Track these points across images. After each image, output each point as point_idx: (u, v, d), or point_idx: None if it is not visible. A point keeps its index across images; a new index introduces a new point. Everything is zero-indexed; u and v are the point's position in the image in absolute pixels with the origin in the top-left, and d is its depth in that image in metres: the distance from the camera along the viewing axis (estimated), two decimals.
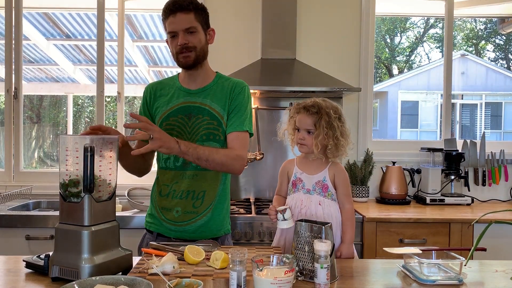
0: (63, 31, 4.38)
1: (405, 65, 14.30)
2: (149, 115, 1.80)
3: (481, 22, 13.22)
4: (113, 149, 1.34)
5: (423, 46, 14.36)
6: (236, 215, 2.40)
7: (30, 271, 1.36)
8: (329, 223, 1.38)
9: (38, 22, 4.17)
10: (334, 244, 1.37)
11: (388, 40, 14.38)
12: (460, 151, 2.95)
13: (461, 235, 2.39)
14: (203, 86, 1.76)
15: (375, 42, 3.42)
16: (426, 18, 12.88)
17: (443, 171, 2.89)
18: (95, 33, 3.13)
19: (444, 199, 2.78)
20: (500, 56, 14.10)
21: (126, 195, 2.77)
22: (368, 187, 2.91)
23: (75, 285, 1.12)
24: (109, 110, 7.51)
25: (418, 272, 1.35)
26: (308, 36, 3.05)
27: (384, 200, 2.84)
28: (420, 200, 2.87)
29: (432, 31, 14.04)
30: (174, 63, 1.79)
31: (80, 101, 8.24)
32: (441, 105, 3.96)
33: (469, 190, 2.93)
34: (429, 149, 2.95)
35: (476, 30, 13.64)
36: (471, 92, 12.55)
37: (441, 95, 3.85)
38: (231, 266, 1.17)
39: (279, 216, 1.54)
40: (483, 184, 3.03)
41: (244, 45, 3.03)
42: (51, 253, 1.29)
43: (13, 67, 3.07)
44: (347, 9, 3.07)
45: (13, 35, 3.07)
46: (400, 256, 1.46)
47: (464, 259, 1.32)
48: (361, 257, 2.33)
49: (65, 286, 1.11)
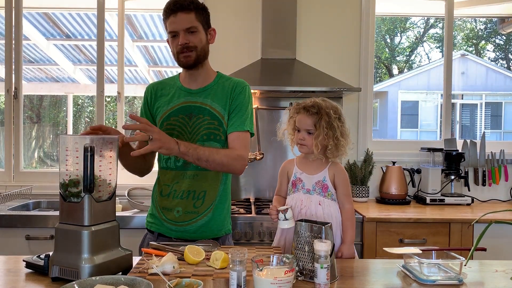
0: (63, 31, 4.37)
1: (405, 65, 14.31)
2: (150, 115, 1.80)
3: (481, 22, 13.23)
4: (113, 149, 1.34)
5: (423, 46, 14.38)
6: (236, 215, 2.40)
7: (30, 271, 1.36)
8: (329, 223, 1.38)
9: (38, 22, 4.17)
10: (334, 244, 1.37)
11: (388, 40, 14.39)
12: (460, 151, 2.95)
13: (461, 235, 2.39)
14: (204, 86, 1.75)
15: (375, 42, 3.42)
16: (426, 18, 12.89)
17: (443, 171, 2.89)
18: (95, 33, 3.13)
19: (444, 199, 2.78)
20: (500, 56, 14.11)
21: (126, 195, 2.77)
22: (368, 187, 2.91)
23: (75, 285, 1.12)
24: (109, 110, 7.50)
25: (418, 272, 1.35)
26: (308, 36, 3.05)
27: (384, 200, 2.84)
28: (420, 200, 2.87)
29: (432, 31, 14.05)
30: (174, 63, 1.80)
31: (80, 101, 8.24)
32: (441, 105, 3.96)
33: (469, 190, 2.93)
34: (429, 149, 2.95)
35: (476, 30, 13.64)
36: (471, 92, 12.56)
37: (441, 95, 3.85)
38: (231, 266, 1.17)
39: (281, 216, 1.54)
40: (483, 184, 3.03)
41: (244, 45, 3.03)
42: (51, 253, 1.29)
43: (13, 67, 3.07)
44: (347, 9, 3.07)
45: (13, 35, 3.07)
46: (400, 256, 1.45)
47: (464, 259, 1.32)
48: (361, 257, 2.33)
49: (65, 286, 1.11)
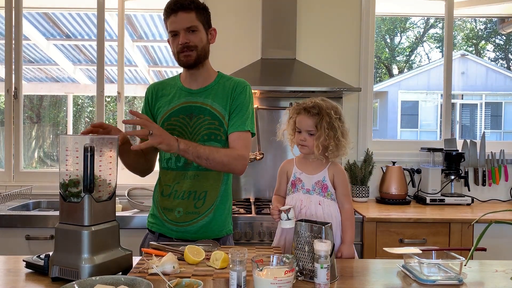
0: (63, 31, 4.37)
1: (405, 65, 14.31)
2: (151, 116, 1.79)
3: (481, 22, 13.23)
4: (113, 149, 1.34)
5: (423, 46, 14.38)
6: (236, 215, 2.39)
7: (30, 271, 1.36)
8: (329, 223, 1.38)
9: (38, 22, 4.17)
10: (334, 244, 1.37)
11: (388, 40, 14.39)
12: (460, 151, 2.95)
13: (461, 235, 2.39)
14: (204, 86, 1.75)
15: (375, 42, 3.42)
16: (426, 18, 12.90)
17: (443, 171, 2.89)
18: (95, 33, 3.13)
19: (444, 199, 2.78)
20: (500, 56, 14.12)
21: (126, 195, 2.77)
22: (368, 187, 2.91)
23: (75, 285, 1.12)
24: (109, 110, 7.50)
25: (418, 272, 1.35)
26: (308, 36, 3.05)
27: (384, 200, 2.84)
28: (420, 200, 2.87)
29: (432, 31, 14.05)
30: (174, 63, 1.80)
31: (80, 101, 8.23)
32: (441, 105, 3.96)
33: (469, 190, 2.93)
34: (429, 149, 2.95)
35: (476, 30, 13.65)
36: (471, 92, 12.56)
37: (441, 95, 3.85)
38: (231, 266, 1.17)
39: (283, 215, 1.54)
40: (483, 184, 3.03)
41: (244, 45, 3.03)
42: (51, 253, 1.29)
43: (13, 67, 3.07)
44: (347, 9, 3.07)
45: (13, 35, 3.07)
46: (400, 256, 1.45)
47: (464, 259, 1.32)
48: (361, 257, 2.33)
49: (65, 286, 1.11)
